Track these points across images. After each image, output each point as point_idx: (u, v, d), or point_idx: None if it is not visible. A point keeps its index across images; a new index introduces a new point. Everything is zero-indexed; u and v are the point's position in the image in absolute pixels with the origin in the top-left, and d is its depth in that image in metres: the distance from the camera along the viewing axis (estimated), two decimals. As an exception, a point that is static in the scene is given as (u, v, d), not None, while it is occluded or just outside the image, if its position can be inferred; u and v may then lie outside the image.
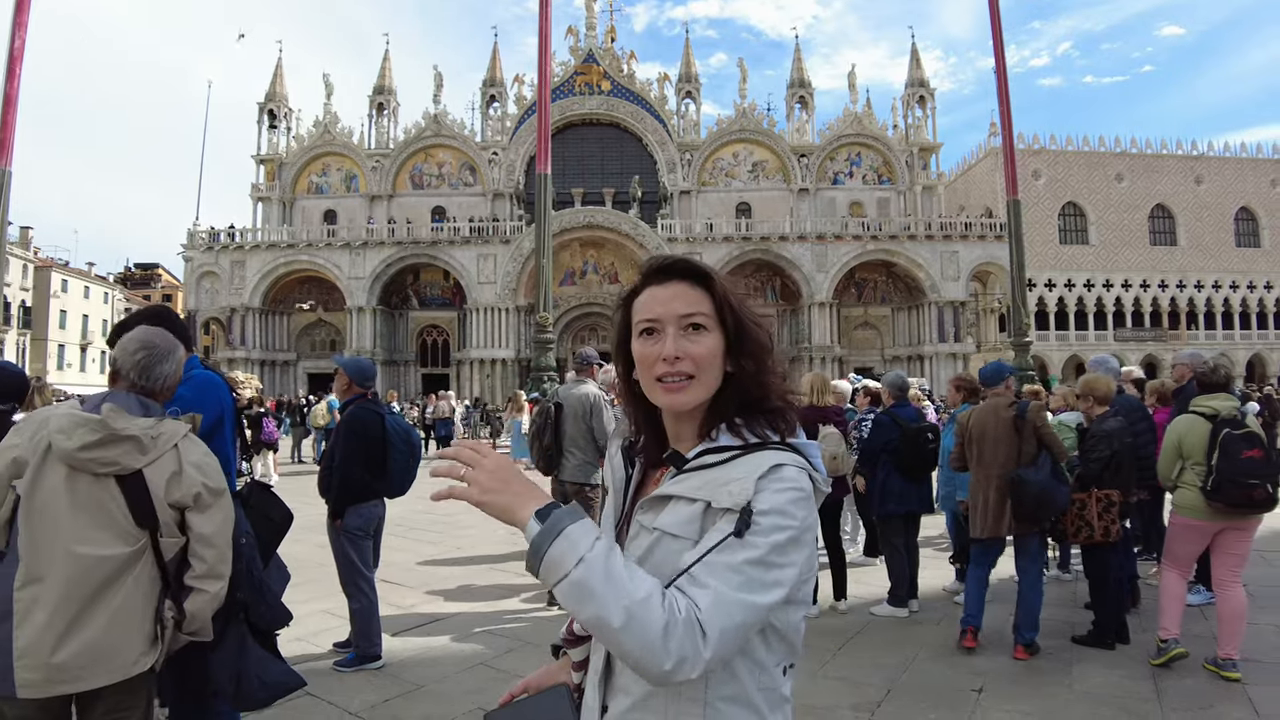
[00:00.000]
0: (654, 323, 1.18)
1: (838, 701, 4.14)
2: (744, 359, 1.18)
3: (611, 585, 0.98)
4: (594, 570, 0.98)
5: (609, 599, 0.97)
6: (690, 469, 1.14)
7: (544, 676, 1.34)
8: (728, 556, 1.03)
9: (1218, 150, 55.88)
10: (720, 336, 1.17)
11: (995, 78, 15.20)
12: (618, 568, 1.00)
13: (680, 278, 1.20)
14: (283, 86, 50.16)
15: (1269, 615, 5.66)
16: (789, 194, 47.89)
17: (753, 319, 1.20)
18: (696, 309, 1.17)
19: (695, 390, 1.16)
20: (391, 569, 7.00)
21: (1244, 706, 4.06)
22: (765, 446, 1.14)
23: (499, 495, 1.06)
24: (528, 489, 1.07)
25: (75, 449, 2.14)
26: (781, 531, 1.05)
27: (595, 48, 49.44)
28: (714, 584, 1.02)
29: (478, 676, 4.57)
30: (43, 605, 2.08)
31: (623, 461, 1.31)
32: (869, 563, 7.39)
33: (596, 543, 1.01)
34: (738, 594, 1.02)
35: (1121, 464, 5.22)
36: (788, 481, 1.09)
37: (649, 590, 0.99)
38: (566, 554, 0.99)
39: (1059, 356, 49.66)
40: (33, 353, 51.42)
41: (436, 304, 47.88)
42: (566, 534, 1.00)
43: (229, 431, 2.98)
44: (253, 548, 2.76)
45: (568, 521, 1.01)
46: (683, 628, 0.98)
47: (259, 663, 2.64)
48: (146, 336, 2.44)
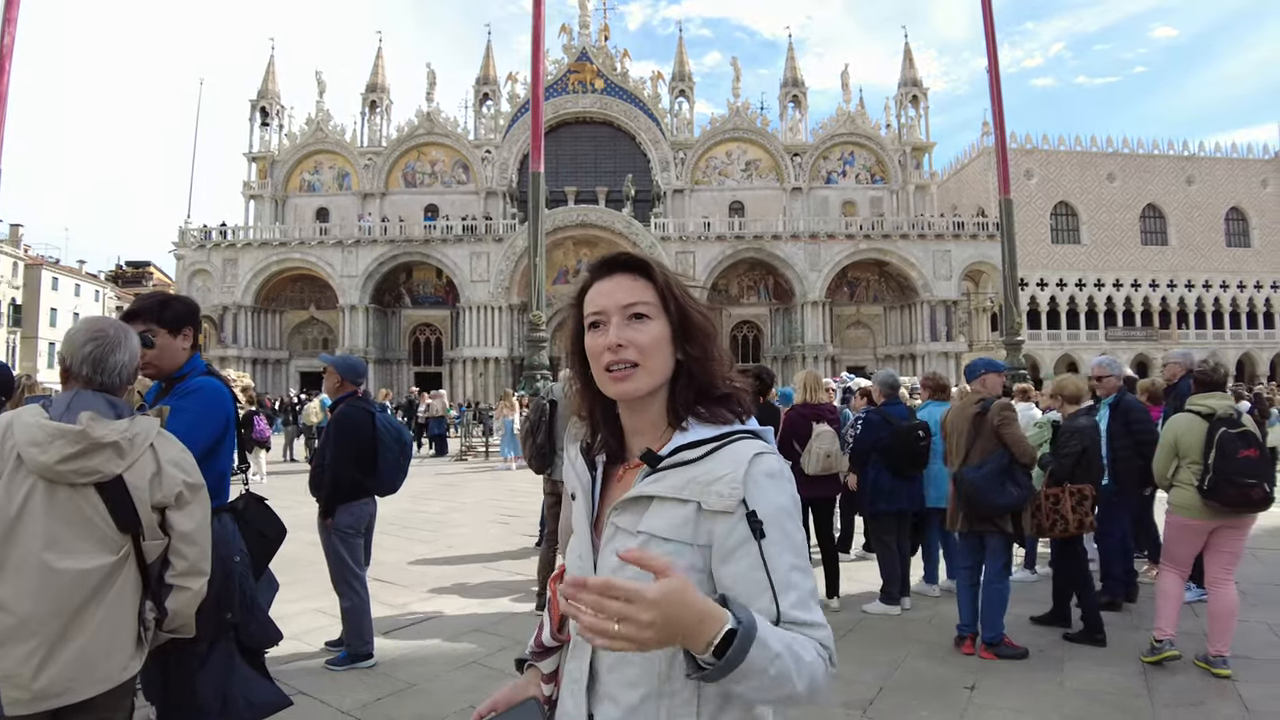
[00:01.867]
0: (599, 315, 1.20)
1: (829, 699, 4.13)
2: (690, 345, 1.19)
3: (797, 662, 1.01)
4: (786, 660, 0.99)
5: (798, 676, 1.00)
6: (666, 467, 1.14)
7: (512, 693, 1.32)
8: (791, 576, 1.09)
9: (1209, 151, 56.26)
10: (665, 324, 1.19)
11: (988, 78, 15.23)
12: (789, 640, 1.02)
13: (622, 270, 1.22)
14: (275, 84, 49.95)
15: (1261, 613, 5.68)
16: (782, 193, 47.90)
17: (696, 307, 1.22)
18: (638, 298, 1.19)
19: (640, 377, 1.16)
20: (383, 568, 6.99)
21: (1234, 704, 4.08)
22: (737, 436, 1.16)
23: (672, 635, 0.93)
24: (699, 609, 0.94)
25: (54, 463, 2.01)
26: (790, 521, 1.12)
27: (589, 46, 49.36)
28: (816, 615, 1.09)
29: (470, 675, 4.55)
30: (21, 628, 1.97)
31: (585, 464, 1.29)
32: (865, 558, 7.40)
33: (771, 631, 1.00)
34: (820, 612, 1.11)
35: (1092, 460, 5.39)
36: (772, 472, 1.13)
37: (813, 656, 1.04)
38: (761, 659, 0.95)
39: (1050, 356, 49.85)
40: (23, 351, 51.11)
41: (429, 302, 47.74)
42: (759, 640, 0.95)
43: (230, 445, 2.84)
44: (245, 566, 2.69)
45: (752, 630, 0.95)
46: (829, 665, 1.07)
47: (246, 682, 2.59)
48: (95, 325, 2.25)
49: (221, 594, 2.54)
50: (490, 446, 21.03)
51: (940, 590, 6.44)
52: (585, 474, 1.28)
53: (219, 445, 2.74)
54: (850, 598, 6.11)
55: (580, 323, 1.24)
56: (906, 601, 5.97)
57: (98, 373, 2.20)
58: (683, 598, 0.91)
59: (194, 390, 2.70)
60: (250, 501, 2.88)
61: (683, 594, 0.92)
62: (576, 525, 1.26)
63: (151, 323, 2.67)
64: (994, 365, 5.57)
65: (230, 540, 2.66)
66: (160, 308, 2.73)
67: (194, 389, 2.71)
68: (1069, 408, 5.72)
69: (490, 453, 20.63)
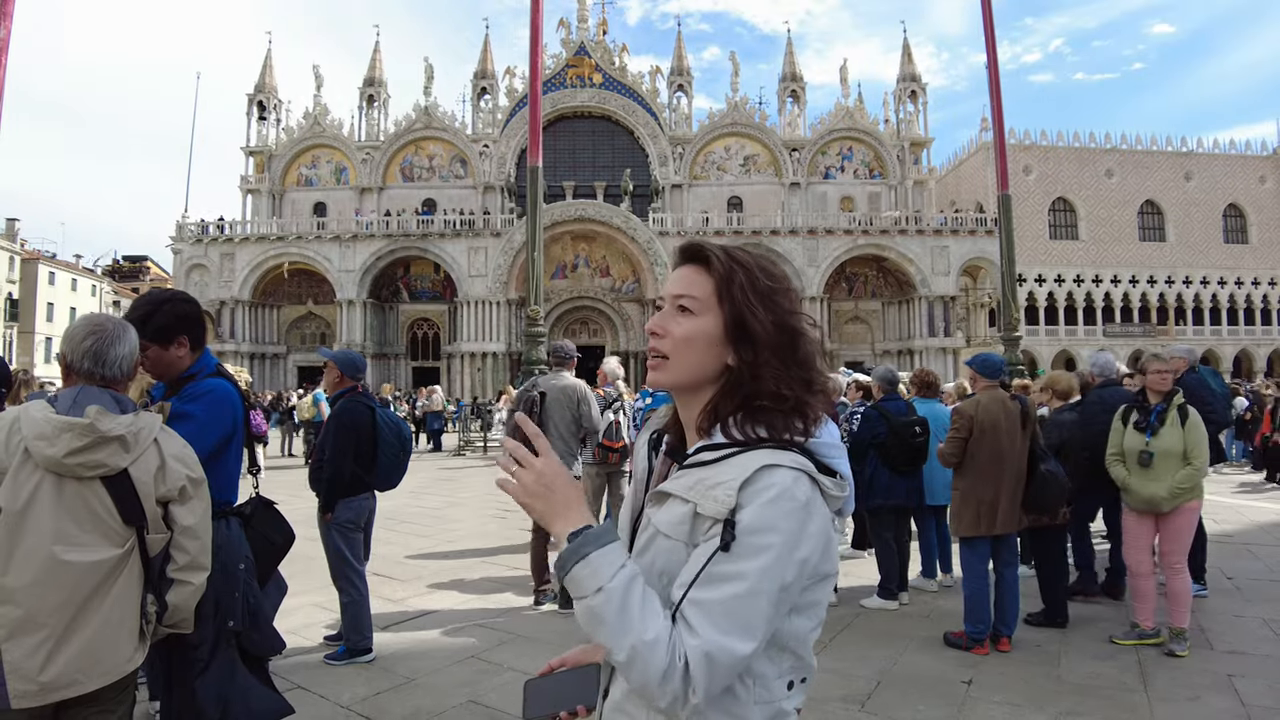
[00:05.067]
0: (663, 301, 1.20)
1: (828, 694, 4.15)
2: (742, 349, 1.13)
3: (623, 620, 0.99)
4: (610, 602, 1.00)
5: (617, 633, 0.99)
6: (687, 465, 1.12)
7: (581, 655, 1.34)
8: (717, 591, 1.00)
9: (1207, 147, 56.23)
10: (713, 321, 1.14)
11: (987, 73, 15.21)
12: (634, 603, 1.01)
13: (688, 260, 1.20)
14: (272, 78, 49.79)
15: (1256, 608, 5.71)
16: (780, 188, 47.85)
17: (761, 312, 1.13)
18: (688, 290, 1.16)
19: (667, 370, 1.16)
20: (382, 562, 6.99)
21: (1230, 696, 4.10)
22: (761, 445, 1.08)
23: (540, 500, 1.10)
24: (569, 501, 1.09)
25: (61, 455, 2.02)
26: (768, 552, 1.01)
27: (587, 40, 49.22)
28: (705, 631, 0.99)
29: (469, 669, 4.56)
30: (29, 620, 1.98)
31: (647, 452, 1.30)
32: (858, 555, 7.42)
33: (619, 572, 1.02)
34: (725, 640, 0.99)
35: (1069, 453, 5.52)
36: (776, 488, 1.03)
37: (657, 633, 0.99)
38: (587, 580, 1.02)
39: (1048, 352, 49.91)
40: (20, 346, 50.97)
41: (427, 297, 47.66)
42: (589, 560, 1.02)
43: (238, 446, 2.79)
44: (250, 573, 2.68)
45: (593, 547, 1.03)
46: (679, 675, 0.99)
47: (247, 691, 2.58)
48: (94, 320, 2.25)
49: (224, 601, 2.54)
50: (489, 442, 21.02)
51: (938, 585, 6.47)
52: (643, 462, 1.30)
53: (227, 447, 2.71)
54: (848, 592, 6.12)
55: None
56: (904, 596, 5.99)
57: (99, 366, 2.19)
58: (565, 480, 1.10)
59: (202, 394, 2.65)
60: (258, 506, 2.85)
61: (559, 474, 1.10)
62: (623, 510, 1.31)
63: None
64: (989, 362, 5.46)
65: (235, 547, 2.65)
66: (142, 322, 2.58)
67: (202, 392, 2.66)
68: (1057, 403, 5.86)
69: (490, 448, 20.62)
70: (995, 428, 4.93)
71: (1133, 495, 4.97)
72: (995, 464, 4.92)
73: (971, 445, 4.98)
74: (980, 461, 4.95)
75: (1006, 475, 4.92)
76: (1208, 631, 5.17)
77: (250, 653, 2.66)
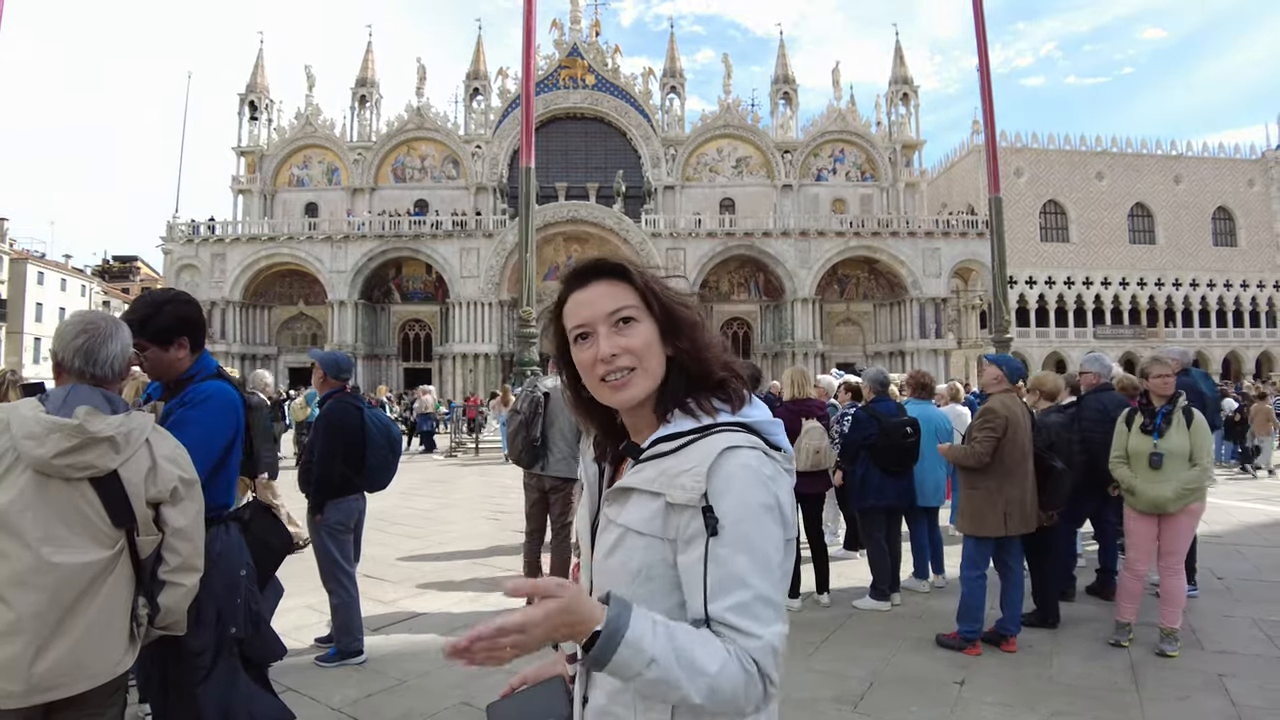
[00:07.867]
0: (585, 327, 1.18)
1: (820, 694, 4.15)
2: (679, 339, 1.18)
3: (686, 672, 0.99)
4: (667, 667, 0.99)
5: (689, 685, 0.99)
6: (646, 459, 1.14)
7: (541, 669, 1.35)
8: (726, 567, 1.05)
9: (1196, 150, 56.61)
10: (652, 324, 1.18)
11: (979, 76, 15.29)
12: (684, 650, 1.00)
13: (599, 277, 1.21)
14: (264, 78, 49.63)
15: (1245, 608, 5.74)
16: (773, 190, 47.95)
17: (677, 300, 1.21)
18: (622, 303, 1.18)
19: (640, 381, 1.16)
20: (373, 564, 6.96)
21: (1220, 696, 4.11)
22: (717, 429, 1.13)
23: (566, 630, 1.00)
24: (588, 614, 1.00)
25: (50, 456, 1.99)
26: (754, 521, 1.07)
27: (580, 42, 49.25)
28: (757, 628, 1.04)
29: (460, 672, 4.53)
30: (16, 622, 1.95)
31: (594, 460, 1.32)
32: (850, 556, 7.43)
33: (655, 636, 0.99)
34: (772, 628, 1.05)
35: (1060, 455, 5.49)
36: (746, 465, 1.09)
37: (720, 660, 1.01)
38: (633, 661, 0.98)
39: (1039, 354, 50.11)
40: (8, 346, 50.66)
41: (419, 298, 47.57)
42: (626, 643, 0.98)
43: (238, 451, 2.74)
44: (252, 579, 2.65)
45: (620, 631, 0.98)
46: (757, 678, 1.02)
47: (249, 697, 2.56)
48: (85, 318, 2.22)
49: (226, 608, 2.52)
50: (481, 443, 20.96)
51: (930, 586, 6.47)
52: (593, 468, 1.30)
53: (223, 459, 2.67)
54: (840, 593, 6.12)
55: (563, 335, 1.23)
56: (896, 597, 6.00)
57: (90, 365, 2.16)
58: (565, 617, 0.99)
59: (203, 399, 2.60)
60: (256, 512, 2.83)
61: (565, 610, 0.98)
62: (579, 517, 1.31)
63: (136, 337, 2.49)
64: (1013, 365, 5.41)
65: (236, 554, 2.62)
66: (142, 323, 2.55)
67: (203, 397, 2.61)
68: (1044, 403, 5.85)
69: (481, 449, 20.56)
70: (1021, 428, 4.98)
71: (1138, 497, 4.92)
72: (1024, 463, 5.00)
73: (1004, 445, 4.91)
74: (1010, 461, 4.92)
75: (1030, 475, 5.03)
76: (1198, 631, 5.19)
77: (252, 659, 2.64)
